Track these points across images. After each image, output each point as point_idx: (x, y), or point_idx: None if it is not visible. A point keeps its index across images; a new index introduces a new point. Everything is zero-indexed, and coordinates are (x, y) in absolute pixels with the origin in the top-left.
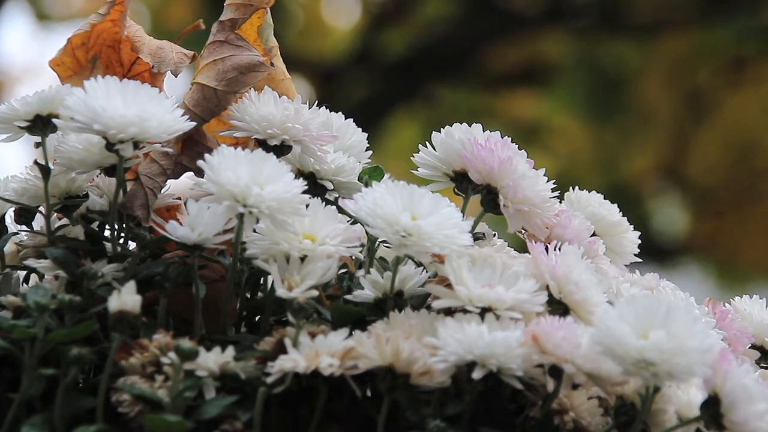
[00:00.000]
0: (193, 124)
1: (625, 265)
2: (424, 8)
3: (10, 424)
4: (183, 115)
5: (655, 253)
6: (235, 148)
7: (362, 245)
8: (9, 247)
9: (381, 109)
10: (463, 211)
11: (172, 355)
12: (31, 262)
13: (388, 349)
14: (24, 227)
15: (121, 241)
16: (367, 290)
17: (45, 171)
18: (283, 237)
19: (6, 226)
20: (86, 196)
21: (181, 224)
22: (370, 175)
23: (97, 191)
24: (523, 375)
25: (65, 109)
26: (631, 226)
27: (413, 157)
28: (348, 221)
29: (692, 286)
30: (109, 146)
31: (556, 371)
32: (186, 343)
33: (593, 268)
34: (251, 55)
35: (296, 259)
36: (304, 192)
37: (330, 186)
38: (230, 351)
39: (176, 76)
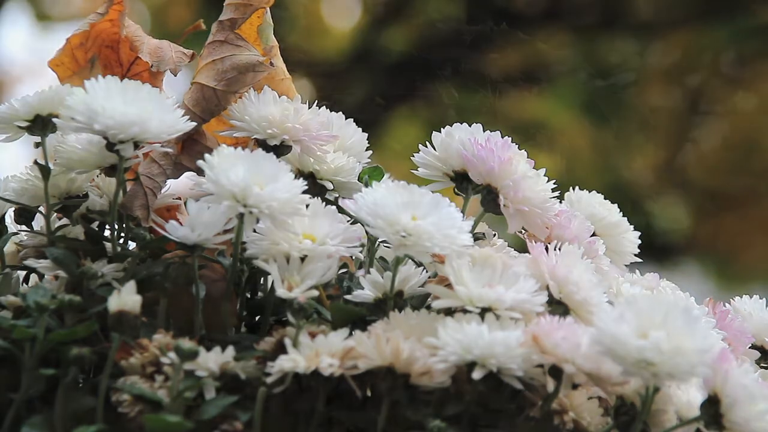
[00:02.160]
0: (194, 124)
1: (625, 265)
2: (424, 8)
3: (10, 424)
4: (183, 115)
5: (656, 253)
6: (235, 148)
7: (362, 245)
8: (9, 247)
9: (381, 109)
10: (463, 211)
11: (172, 355)
12: (31, 262)
13: (388, 349)
14: (24, 227)
15: (121, 241)
16: (367, 290)
17: (45, 171)
18: (283, 237)
19: (6, 226)
20: (86, 196)
21: (181, 224)
22: (370, 175)
23: (97, 191)
24: (523, 375)
25: (65, 109)
26: (631, 227)
27: (413, 157)
28: (348, 221)
29: (692, 286)
30: (110, 146)
31: (556, 371)
32: (186, 343)
33: (593, 268)
34: (251, 54)
35: (296, 259)
36: (304, 192)
37: (330, 186)
38: (230, 351)
39: (175, 75)
